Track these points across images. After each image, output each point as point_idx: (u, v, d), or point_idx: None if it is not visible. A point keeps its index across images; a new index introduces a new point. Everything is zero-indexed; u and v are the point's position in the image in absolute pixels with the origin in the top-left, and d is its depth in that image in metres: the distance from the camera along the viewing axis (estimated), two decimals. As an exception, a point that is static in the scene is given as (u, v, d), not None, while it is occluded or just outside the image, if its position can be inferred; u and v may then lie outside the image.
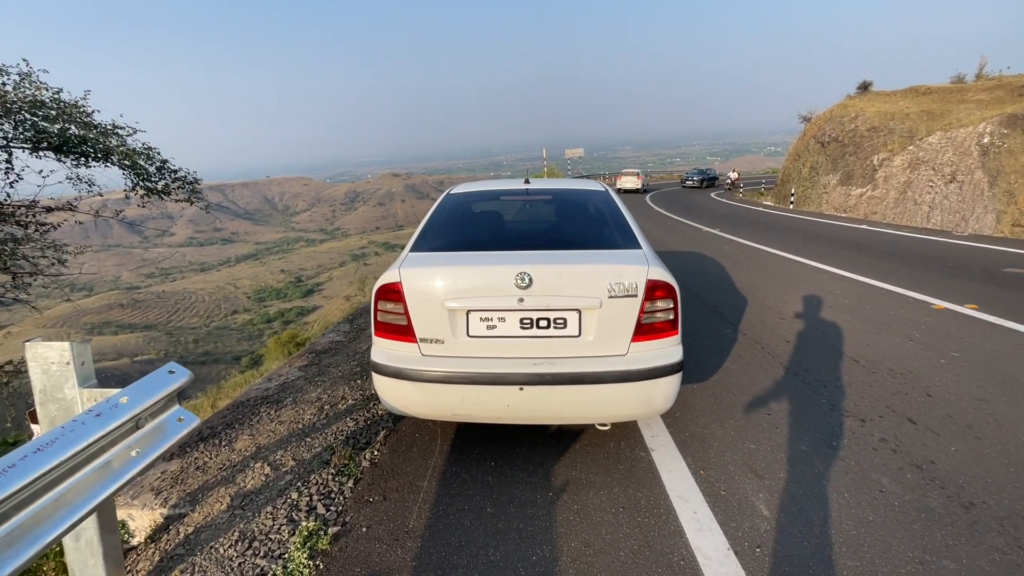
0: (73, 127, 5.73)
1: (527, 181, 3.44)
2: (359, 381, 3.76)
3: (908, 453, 2.61)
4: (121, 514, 2.35)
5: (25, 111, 5.47)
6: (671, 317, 2.38)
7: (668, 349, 2.38)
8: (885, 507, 2.21)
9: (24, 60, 5.51)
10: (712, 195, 27.65)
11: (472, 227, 3.14)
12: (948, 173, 12.81)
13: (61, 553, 2.07)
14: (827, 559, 1.93)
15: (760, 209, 19.29)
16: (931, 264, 7.47)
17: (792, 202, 19.60)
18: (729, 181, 33.26)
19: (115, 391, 1.71)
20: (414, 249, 2.72)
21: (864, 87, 20.82)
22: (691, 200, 24.43)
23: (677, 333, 2.42)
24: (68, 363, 1.75)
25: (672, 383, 2.37)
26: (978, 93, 16.07)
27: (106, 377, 1.97)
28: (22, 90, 5.47)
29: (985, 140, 12.14)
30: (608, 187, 3.47)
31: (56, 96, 5.67)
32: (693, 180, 35.26)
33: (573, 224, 3.11)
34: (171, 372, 1.88)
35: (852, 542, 2.01)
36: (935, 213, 12.78)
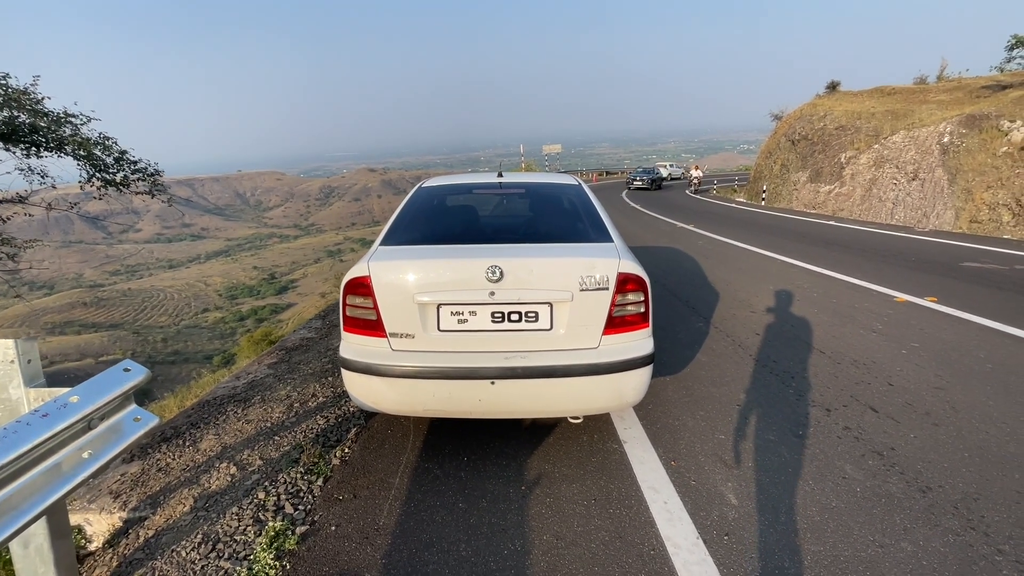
0: (22, 114, 5.43)
1: (500, 174, 3.42)
2: (330, 378, 3.69)
3: (870, 440, 2.69)
4: (77, 518, 2.25)
5: (-31, 98, 5.17)
6: (642, 310, 2.40)
7: (639, 342, 2.40)
8: (848, 493, 2.27)
9: None
10: (687, 192, 28.07)
11: (444, 220, 3.10)
12: (911, 171, 13.26)
13: (9, 562, 1.97)
14: (792, 545, 1.98)
15: (732, 206, 19.68)
16: (894, 259, 7.73)
17: (764, 199, 20.03)
18: (696, 180, 28.64)
19: (64, 390, 1.63)
20: (384, 243, 2.67)
21: (832, 87, 21.40)
22: (665, 197, 24.76)
23: (648, 326, 2.43)
24: (12, 361, 1.66)
25: (643, 375, 2.38)
26: (939, 94, 16.69)
27: (69, 379, 1.88)
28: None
29: (945, 139, 12.60)
30: (581, 181, 3.48)
31: (2, 82, 5.37)
32: (642, 180, 30.43)
33: (545, 217, 3.10)
34: (126, 370, 1.80)
35: (816, 527, 2.06)
36: (899, 210, 13.22)
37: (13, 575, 1.92)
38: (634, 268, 2.38)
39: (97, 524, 2.28)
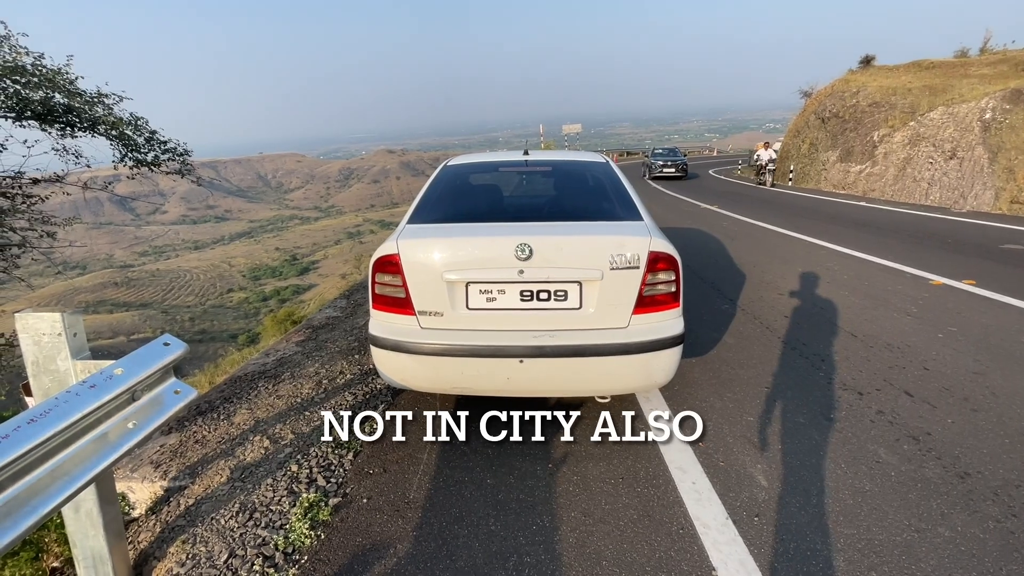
0: (57, 95, 5.54)
1: (526, 152, 3.37)
2: (357, 356, 3.75)
3: (905, 425, 2.63)
4: (121, 487, 2.34)
5: (6, 77, 5.27)
6: (673, 289, 2.36)
7: (669, 322, 2.37)
8: (882, 477, 2.23)
9: (1, 23, 5.29)
10: (710, 172, 27.42)
11: (471, 198, 3.08)
12: (948, 149, 12.71)
13: (62, 525, 2.07)
14: (824, 527, 1.95)
15: (758, 186, 19.17)
16: (929, 240, 7.46)
17: (791, 179, 19.46)
18: (768, 164, 18.33)
19: (109, 362, 1.68)
20: (411, 221, 2.66)
21: (867, 61, 20.45)
22: (688, 178, 24.21)
23: (679, 305, 2.40)
24: (60, 334, 1.71)
25: (673, 356, 2.35)
26: (981, 68, 15.83)
27: (103, 356, 1.94)
28: (0, 55, 5.27)
29: (987, 116, 12.01)
30: (609, 159, 3.41)
31: (38, 62, 5.47)
32: (673, 165, 22.81)
33: (573, 195, 3.06)
34: (166, 344, 1.85)
35: (849, 511, 2.03)
36: (934, 190, 12.72)
37: (65, 538, 2.02)
38: (665, 247, 2.33)
39: (140, 492, 2.38)
